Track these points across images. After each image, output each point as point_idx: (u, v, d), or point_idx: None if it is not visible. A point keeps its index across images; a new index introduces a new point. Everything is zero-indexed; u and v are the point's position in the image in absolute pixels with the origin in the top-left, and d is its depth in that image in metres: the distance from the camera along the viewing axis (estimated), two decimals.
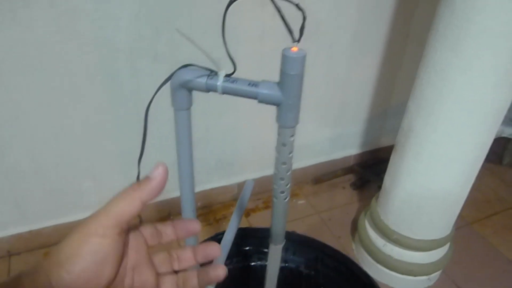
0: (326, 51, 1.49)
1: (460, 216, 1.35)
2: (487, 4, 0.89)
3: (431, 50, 1.06)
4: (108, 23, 1.13)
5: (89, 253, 0.35)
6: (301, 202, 1.75)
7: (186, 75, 0.55)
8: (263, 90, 0.51)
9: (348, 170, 1.92)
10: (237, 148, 1.60)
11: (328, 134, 1.78)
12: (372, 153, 1.96)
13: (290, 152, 0.56)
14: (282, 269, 0.78)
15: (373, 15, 1.50)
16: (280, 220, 0.63)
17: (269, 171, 1.66)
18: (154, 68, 1.24)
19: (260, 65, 1.36)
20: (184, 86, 0.55)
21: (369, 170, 1.89)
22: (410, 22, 1.60)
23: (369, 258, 1.42)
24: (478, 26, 0.93)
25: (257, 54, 1.35)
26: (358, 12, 1.45)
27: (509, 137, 1.59)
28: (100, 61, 1.18)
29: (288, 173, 0.58)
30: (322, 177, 1.86)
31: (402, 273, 1.36)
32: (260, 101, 0.53)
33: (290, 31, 0.48)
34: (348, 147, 1.90)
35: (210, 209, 1.68)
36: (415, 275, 1.36)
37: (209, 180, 1.64)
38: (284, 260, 1.03)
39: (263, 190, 1.71)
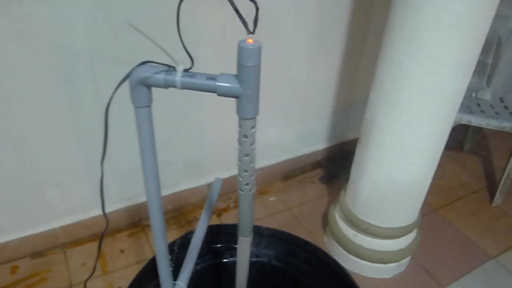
0: (286, 49, 1.51)
1: (426, 203, 1.39)
2: None
3: (388, 42, 1.09)
4: (65, 28, 1.11)
5: None
6: (272, 199, 1.77)
7: (144, 72, 0.55)
8: (221, 83, 0.52)
9: (316, 165, 1.94)
10: (205, 149, 1.60)
11: (295, 131, 1.80)
12: (339, 147, 2.00)
13: (252, 144, 0.57)
14: (254, 264, 0.79)
15: (332, 11, 1.53)
16: (247, 212, 0.64)
17: None
18: (115, 71, 1.22)
19: (222, 63, 1.36)
20: (143, 83, 0.55)
21: (337, 163, 1.93)
22: (368, 16, 1.64)
23: (341, 249, 1.45)
24: (430, 17, 0.96)
25: (219, 53, 1.36)
26: (317, 9, 1.48)
27: (468, 124, 1.65)
28: (58, 67, 1.16)
29: (252, 165, 0.59)
30: (291, 173, 1.88)
31: (373, 262, 1.39)
32: (220, 94, 0.53)
33: (244, 23, 0.49)
34: (315, 142, 1.92)
35: (181, 211, 1.67)
36: (385, 263, 1.39)
37: (178, 183, 1.63)
38: (255, 254, 1.03)
39: (234, 190, 1.72)
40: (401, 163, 1.21)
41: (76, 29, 1.12)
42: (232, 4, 0.46)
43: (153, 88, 0.58)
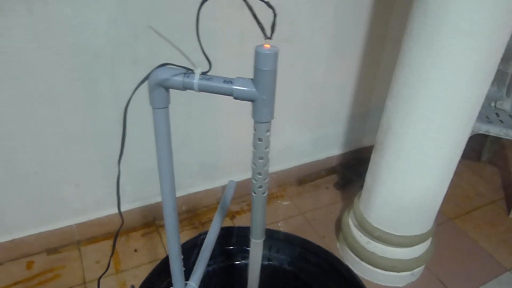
0: (304, 54, 1.52)
1: (441, 212, 1.38)
2: (457, 5, 0.92)
3: (406, 50, 1.09)
4: (87, 29, 1.13)
5: None
6: (285, 203, 1.77)
7: (163, 74, 0.56)
8: (238, 86, 0.53)
9: (331, 171, 1.94)
10: (220, 151, 1.61)
11: (310, 136, 1.80)
12: (354, 153, 1.99)
13: (267, 147, 0.58)
14: (266, 268, 0.80)
15: (350, 17, 1.53)
16: (259, 214, 0.64)
17: None
18: (134, 72, 1.25)
19: (240, 66, 1.37)
20: (161, 85, 0.56)
21: (352, 169, 1.92)
22: (387, 23, 1.63)
23: (354, 256, 1.44)
24: (449, 26, 0.96)
25: (237, 56, 1.37)
26: (336, 15, 1.48)
27: (486, 133, 1.63)
28: (79, 66, 1.18)
29: (266, 168, 0.59)
30: (305, 178, 1.88)
31: (386, 270, 1.38)
32: (236, 97, 0.54)
33: (262, 28, 0.49)
34: (331, 148, 1.92)
35: (195, 213, 1.68)
36: (398, 271, 1.38)
37: (193, 184, 1.64)
38: (267, 258, 1.04)
39: (248, 193, 1.72)
40: (416, 171, 1.20)
41: (97, 30, 1.14)
42: (251, 9, 0.47)
43: (170, 90, 0.59)
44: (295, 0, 1.35)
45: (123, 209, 1.53)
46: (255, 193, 0.61)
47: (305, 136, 1.79)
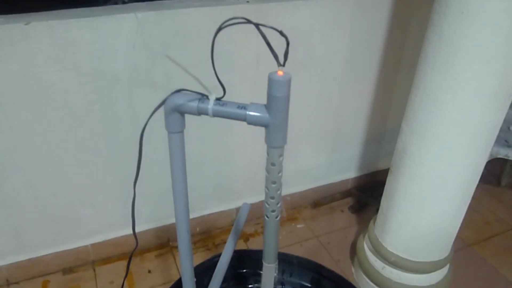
0: (319, 78, 1.53)
1: (460, 238, 1.35)
2: (472, 29, 0.92)
3: (421, 74, 1.09)
4: (106, 54, 1.16)
5: None
6: (300, 226, 1.75)
7: (178, 99, 0.57)
8: (251, 112, 0.54)
9: (346, 194, 1.92)
10: (234, 173, 1.61)
11: (325, 159, 1.80)
12: (369, 176, 1.97)
13: (280, 172, 0.58)
14: None
15: (365, 42, 1.54)
16: (272, 238, 0.64)
17: None
18: (150, 96, 1.27)
19: (254, 90, 1.39)
20: (176, 110, 0.58)
21: (367, 193, 1.90)
22: (402, 46, 1.64)
23: (369, 281, 1.41)
24: (464, 51, 0.96)
25: (252, 80, 1.39)
26: (350, 39, 1.49)
27: (506, 158, 1.61)
28: (97, 90, 1.21)
29: (278, 192, 0.60)
30: (320, 200, 1.87)
31: None
32: (249, 123, 0.55)
33: (275, 56, 0.50)
34: (346, 170, 1.91)
35: (209, 235, 1.68)
36: None
37: (207, 206, 1.65)
38: (280, 282, 1.03)
39: (262, 215, 1.71)
40: (433, 195, 1.18)
41: (116, 55, 1.18)
42: (264, 38, 0.48)
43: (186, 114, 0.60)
44: (311, 25, 1.37)
45: (137, 230, 1.54)
46: (267, 217, 0.62)
47: (320, 158, 1.78)
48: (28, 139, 1.22)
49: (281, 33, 0.49)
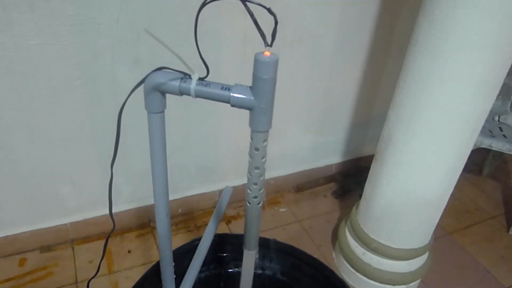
0: (308, 59, 1.50)
1: (440, 226, 1.36)
2: (464, 15, 0.91)
3: (410, 60, 1.07)
4: (88, 28, 1.12)
5: None
6: (282, 209, 1.75)
7: (159, 78, 0.55)
8: (235, 94, 0.51)
9: (330, 179, 1.92)
10: (218, 155, 1.59)
11: (310, 142, 1.78)
12: (354, 162, 1.97)
13: (263, 157, 0.56)
14: (259, 276, 0.78)
15: (355, 23, 1.51)
16: (253, 225, 0.63)
17: None
18: (134, 73, 1.23)
19: (242, 70, 1.36)
20: (157, 89, 0.55)
21: (351, 178, 1.90)
22: (392, 31, 1.62)
23: (349, 266, 1.42)
24: (455, 37, 0.94)
25: (239, 59, 1.35)
26: (340, 20, 1.47)
27: (489, 148, 1.61)
28: (79, 65, 1.17)
29: (261, 178, 0.58)
30: (304, 185, 1.86)
31: (381, 282, 1.36)
32: (233, 105, 0.53)
33: (262, 36, 0.48)
34: (330, 155, 1.90)
35: (191, 216, 1.66)
36: (393, 284, 1.36)
37: (190, 187, 1.63)
38: (261, 267, 1.02)
39: (245, 198, 1.71)
40: (416, 182, 1.18)
41: (99, 29, 1.13)
42: (251, 15, 0.46)
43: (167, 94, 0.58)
44: (300, 4, 1.34)
45: (118, 209, 1.52)
46: (249, 203, 0.60)
47: (306, 141, 1.77)
48: (6, 113, 1.17)
49: (269, 10, 0.46)
